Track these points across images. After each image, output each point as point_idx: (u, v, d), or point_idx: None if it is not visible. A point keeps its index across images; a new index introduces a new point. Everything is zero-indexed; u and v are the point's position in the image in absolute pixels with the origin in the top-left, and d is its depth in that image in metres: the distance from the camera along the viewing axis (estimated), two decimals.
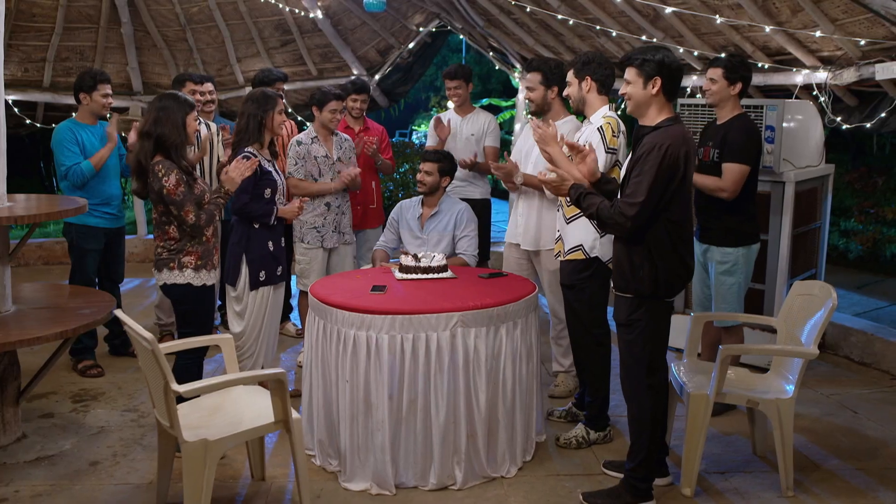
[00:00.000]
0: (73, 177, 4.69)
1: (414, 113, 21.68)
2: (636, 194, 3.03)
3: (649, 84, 3.11)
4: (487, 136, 5.47)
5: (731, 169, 4.01)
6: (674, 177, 3.04)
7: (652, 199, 3.02)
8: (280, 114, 4.07)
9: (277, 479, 3.59)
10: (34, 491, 3.45)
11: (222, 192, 3.73)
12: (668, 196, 3.05)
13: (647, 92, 3.12)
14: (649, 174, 3.01)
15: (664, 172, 3.01)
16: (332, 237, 4.83)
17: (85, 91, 4.80)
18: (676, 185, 3.06)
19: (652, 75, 3.09)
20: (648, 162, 3.02)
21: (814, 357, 3.40)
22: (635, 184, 3.04)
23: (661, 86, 3.10)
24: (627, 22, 5.98)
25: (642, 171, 3.03)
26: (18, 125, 7.97)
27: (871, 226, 8.82)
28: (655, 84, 3.10)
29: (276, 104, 4.05)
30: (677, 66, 3.13)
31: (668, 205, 3.07)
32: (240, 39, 8.09)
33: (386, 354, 3.35)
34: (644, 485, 3.29)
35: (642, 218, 3.04)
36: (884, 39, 4.61)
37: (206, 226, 3.62)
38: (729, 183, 4.01)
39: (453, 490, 3.45)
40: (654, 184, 3.01)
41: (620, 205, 3.06)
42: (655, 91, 3.11)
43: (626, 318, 3.23)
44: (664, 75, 3.09)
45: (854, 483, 3.58)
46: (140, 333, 2.88)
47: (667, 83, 3.10)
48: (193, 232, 3.60)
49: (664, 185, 3.03)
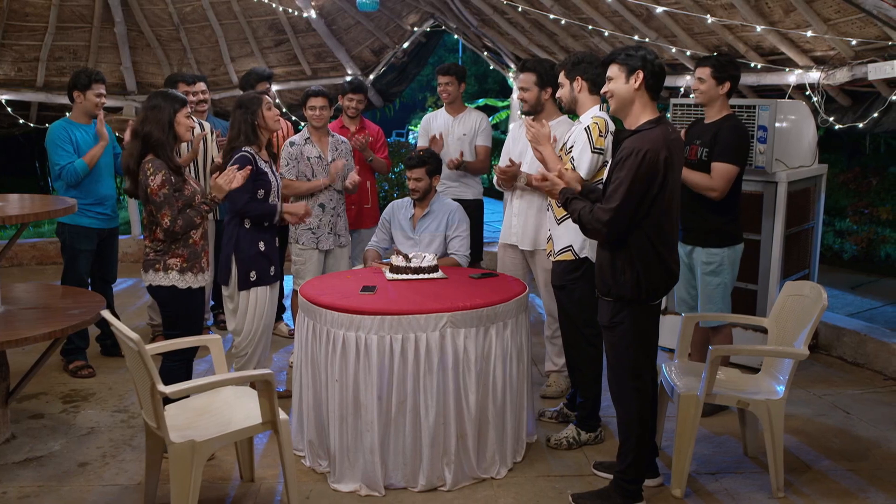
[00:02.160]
0: (67, 176, 4.67)
1: (410, 113, 21.67)
2: (611, 199, 3.03)
3: (632, 78, 3.10)
4: (479, 135, 5.45)
5: (722, 169, 4.01)
6: (653, 181, 3.02)
7: (628, 205, 3.01)
8: (270, 109, 4.05)
9: (267, 480, 3.58)
10: (22, 492, 3.43)
11: (208, 198, 3.67)
12: (647, 201, 3.04)
13: (630, 86, 3.11)
14: (626, 180, 2.99)
15: (641, 177, 2.99)
16: (328, 239, 4.82)
17: (79, 90, 4.78)
18: (657, 190, 3.04)
19: (635, 68, 3.09)
20: (626, 167, 3.01)
21: (803, 357, 3.39)
22: (612, 190, 3.04)
23: (643, 80, 3.09)
24: (621, 22, 5.97)
25: (619, 177, 3.02)
26: (12, 125, 7.96)
27: (866, 226, 8.82)
28: (638, 77, 3.09)
29: (261, 102, 4.04)
30: (660, 64, 3.12)
31: (648, 210, 3.05)
32: (233, 39, 8.07)
33: (375, 355, 3.34)
34: (634, 486, 3.28)
35: (619, 223, 3.03)
36: (876, 39, 4.61)
37: (182, 232, 3.55)
38: (719, 182, 4.01)
39: (443, 491, 3.44)
40: (631, 189, 2.99)
41: (597, 211, 3.06)
42: (638, 85, 3.10)
43: (608, 320, 3.23)
44: (647, 70, 3.08)
45: (844, 484, 3.58)
46: (126, 334, 2.87)
47: (649, 78, 3.09)
48: (166, 236, 3.55)
49: (642, 191, 3.01)
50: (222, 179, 3.69)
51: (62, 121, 4.83)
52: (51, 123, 4.88)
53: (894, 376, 4.87)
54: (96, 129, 4.80)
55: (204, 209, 3.64)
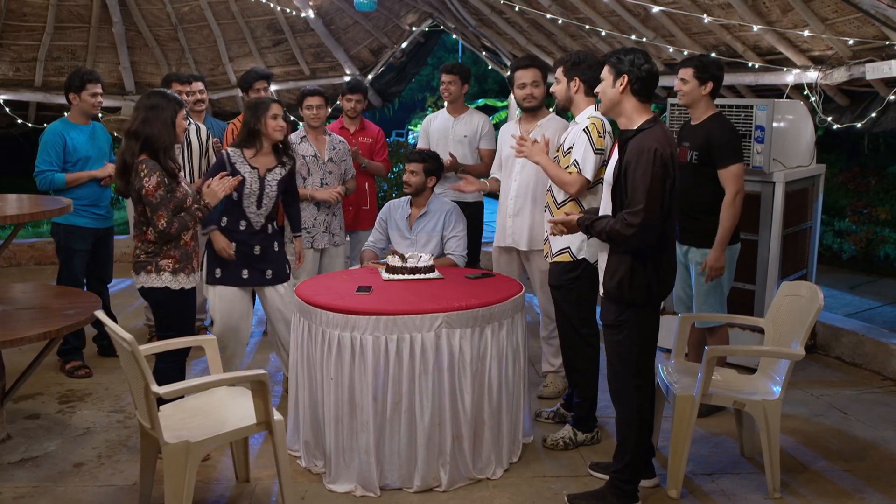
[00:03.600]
0: (42, 182, 4.70)
1: (410, 113, 21.67)
2: (635, 202, 2.99)
3: (618, 81, 3.10)
4: (483, 138, 5.42)
5: (731, 171, 4.00)
6: (667, 178, 3.02)
7: (654, 203, 2.98)
8: (275, 118, 4.04)
9: (262, 480, 3.57)
10: (17, 493, 3.43)
11: (202, 203, 3.64)
12: (668, 198, 3.02)
13: (616, 90, 3.12)
14: (645, 179, 2.97)
15: (659, 174, 2.98)
16: (323, 238, 4.81)
17: (74, 91, 4.78)
18: (669, 186, 3.04)
19: (621, 72, 3.09)
20: (640, 167, 2.99)
21: (799, 358, 3.39)
22: (632, 192, 3.01)
23: (627, 84, 3.09)
24: (618, 21, 5.96)
25: (636, 178, 3.00)
26: (10, 125, 7.96)
27: (865, 226, 8.79)
28: (623, 81, 3.09)
29: (268, 108, 4.04)
30: (649, 69, 3.09)
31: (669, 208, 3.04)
32: (232, 39, 8.06)
33: (370, 355, 3.33)
34: (629, 486, 3.27)
35: (651, 224, 2.99)
36: (874, 39, 4.60)
37: (176, 234, 3.53)
38: (734, 185, 4.00)
39: (438, 492, 3.43)
40: (653, 187, 2.98)
41: (624, 217, 3.02)
42: (622, 89, 3.10)
43: (613, 319, 3.22)
44: (632, 75, 3.08)
45: (841, 485, 3.57)
46: (120, 334, 2.86)
47: (634, 82, 3.08)
48: (161, 238, 3.52)
49: (662, 188, 3.00)
50: (217, 185, 3.68)
51: (59, 122, 4.83)
52: (49, 124, 4.88)
53: (892, 376, 4.87)
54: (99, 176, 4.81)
55: (198, 214, 3.62)
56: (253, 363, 5.14)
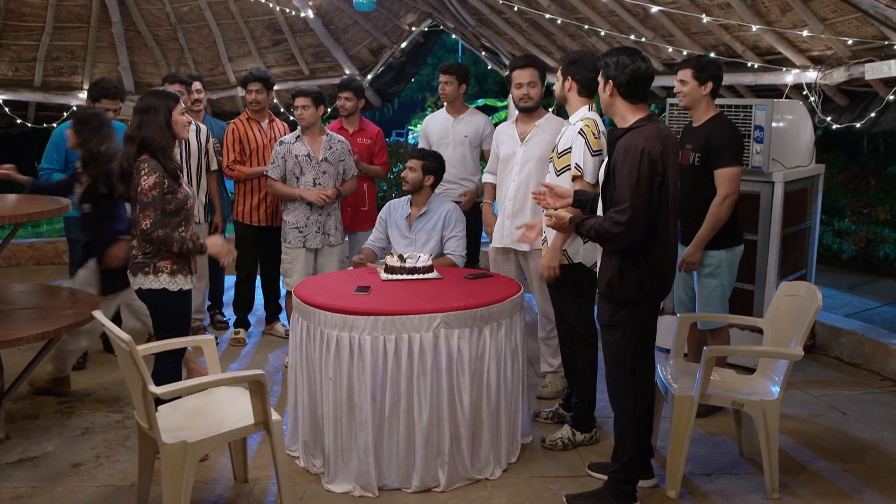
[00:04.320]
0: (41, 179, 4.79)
1: (410, 113, 21.63)
2: (621, 200, 3.00)
3: (606, 86, 3.14)
4: (486, 139, 5.39)
5: (726, 173, 3.99)
6: (655, 176, 3.01)
7: (640, 201, 2.98)
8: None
9: (260, 480, 3.57)
10: (15, 493, 3.42)
11: (199, 245, 3.58)
12: (656, 197, 3.02)
13: (606, 94, 3.16)
14: (631, 177, 2.98)
15: (645, 173, 2.98)
16: (316, 238, 4.81)
17: (90, 99, 4.86)
18: (658, 185, 3.03)
19: (608, 77, 3.12)
20: (626, 166, 2.99)
21: (798, 358, 3.38)
22: (619, 190, 3.02)
23: (613, 89, 3.11)
24: (617, 21, 5.96)
25: (622, 177, 3.01)
26: (10, 125, 7.95)
27: (864, 226, 8.78)
28: (608, 86, 3.13)
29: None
30: (633, 69, 3.08)
31: (658, 207, 3.04)
32: (231, 39, 8.06)
33: (369, 355, 3.33)
34: (628, 487, 3.27)
35: (637, 221, 2.99)
36: (873, 39, 4.60)
37: (157, 241, 3.44)
38: (728, 188, 3.98)
39: (437, 492, 3.43)
40: (639, 185, 2.97)
41: (612, 215, 3.03)
42: (609, 93, 3.13)
43: (608, 319, 3.22)
44: (617, 80, 3.09)
45: (840, 485, 3.57)
46: (118, 335, 2.86)
47: (620, 87, 3.10)
48: (142, 237, 3.45)
49: (649, 186, 3.00)
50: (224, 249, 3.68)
51: (67, 123, 4.86)
52: (48, 123, 4.94)
53: (892, 377, 4.86)
54: None
55: (190, 246, 3.54)
56: (252, 363, 5.14)
